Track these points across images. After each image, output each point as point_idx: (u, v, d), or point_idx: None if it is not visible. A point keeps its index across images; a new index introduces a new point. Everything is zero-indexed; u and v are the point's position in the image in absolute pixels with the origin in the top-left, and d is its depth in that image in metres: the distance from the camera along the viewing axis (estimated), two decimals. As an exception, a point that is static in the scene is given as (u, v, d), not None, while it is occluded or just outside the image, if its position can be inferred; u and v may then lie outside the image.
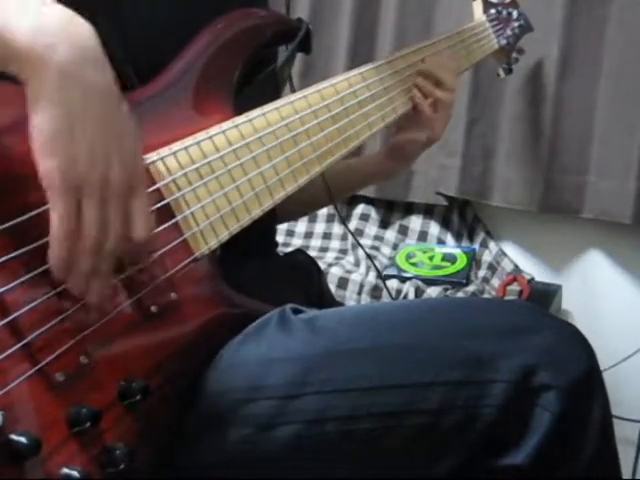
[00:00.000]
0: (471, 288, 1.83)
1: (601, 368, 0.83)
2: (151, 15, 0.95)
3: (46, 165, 0.66)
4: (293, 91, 1.07)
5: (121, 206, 0.70)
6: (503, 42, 1.51)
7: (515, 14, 1.56)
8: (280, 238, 2.01)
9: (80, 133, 0.67)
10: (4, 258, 0.67)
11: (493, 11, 1.50)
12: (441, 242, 2.00)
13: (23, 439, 0.62)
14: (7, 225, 0.67)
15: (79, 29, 0.69)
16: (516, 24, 1.56)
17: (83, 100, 0.67)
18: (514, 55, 1.58)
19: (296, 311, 0.90)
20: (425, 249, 1.96)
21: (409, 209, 2.06)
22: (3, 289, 0.66)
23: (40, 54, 0.66)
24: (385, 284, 1.75)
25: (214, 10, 0.98)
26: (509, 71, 1.62)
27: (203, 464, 0.83)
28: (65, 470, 0.65)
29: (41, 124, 0.66)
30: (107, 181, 0.69)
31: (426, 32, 1.90)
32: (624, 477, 0.86)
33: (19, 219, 0.68)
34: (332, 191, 1.18)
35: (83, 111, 0.67)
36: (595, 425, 0.79)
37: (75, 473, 0.65)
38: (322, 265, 1.84)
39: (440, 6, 1.91)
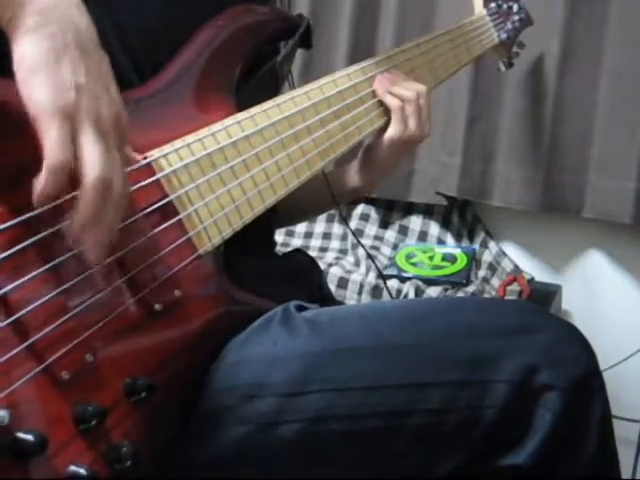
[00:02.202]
0: (471, 288, 1.83)
1: (601, 368, 0.83)
2: (151, 12, 0.95)
3: (34, 90, 0.63)
4: (293, 87, 1.07)
5: (116, 142, 0.68)
6: (503, 36, 1.51)
7: (515, 8, 1.56)
8: (280, 238, 2.01)
9: (66, 64, 0.65)
10: (6, 253, 0.66)
11: (493, 5, 1.50)
12: (441, 242, 2.00)
13: (30, 437, 0.62)
14: (11, 223, 0.67)
15: None
16: (516, 18, 1.56)
17: (67, 35, 0.66)
18: (515, 49, 1.58)
19: (300, 308, 0.90)
20: (425, 249, 1.96)
21: (409, 209, 2.06)
22: (8, 288, 0.65)
23: None
24: (386, 284, 1.75)
25: (214, 7, 0.98)
26: (510, 65, 1.61)
27: (206, 461, 0.83)
28: (72, 468, 0.65)
29: (25, 54, 0.64)
30: (99, 114, 0.66)
31: (426, 28, 1.90)
32: (624, 477, 0.86)
33: (22, 217, 0.68)
34: (322, 198, 1.18)
35: (68, 45, 0.66)
36: (595, 425, 0.79)
37: (82, 471, 0.65)
38: (322, 265, 1.84)
39: (440, 4, 1.91)
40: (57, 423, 0.66)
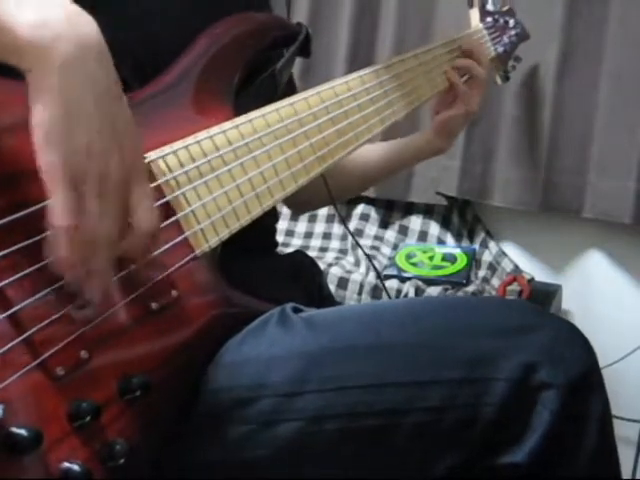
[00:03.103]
0: (471, 288, 1.83)
1: (601, 367, 0.83)
2: (152, 16, 0.96)
3: (46, 157, 0.65)
4: (294, 92, 1.08)
5: (120, 200, 0.69)
6: (500, 49, 1.52)
7: (512, 22, 1.57)
8: (280, 238, 2.02)
9: (80, 126, 0.66)
10: (6, 251, 0.66)
11: (490, 19, 1.51)
12: (441, 242, 2.00)
13: (23, 432, 0.62)
14: (9, 219, 0.67)
15: (83, 23, 0.69)
16: (513, 32, 1.57)
17: (84, 93, 0.67)
18: (511, 63, 1.59)
19: (296, 310, 0.90)
20: (425, 249, 1.96)
21: (409, 209, 2.07)
22: (5, 282, 0.66)
23: (43, 45, 0.65)
24: (384, 285, 1.75)
25: (215, 12, 0.99)
26: (506, 78, 1.62)
27: (204, 461, 0.83)
28: (65, 464, 0.65)
29: (42, 116, 0.65)
30: (106, 175, 0.68)
31: (425, 36, 1.91)
32: (624, 477, 0.86)
33: (21, 213, 0.68)
34: (377, 175, 1.36)
35: (84, 104, 0.67)
36: (595, 423, 0.79)
37: (75, 467, 0.65)
38: (322, 265, 1.84)
39: (439, 10, 1.92)
40: (51, 419, 0.66)
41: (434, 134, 1.35)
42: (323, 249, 2.06)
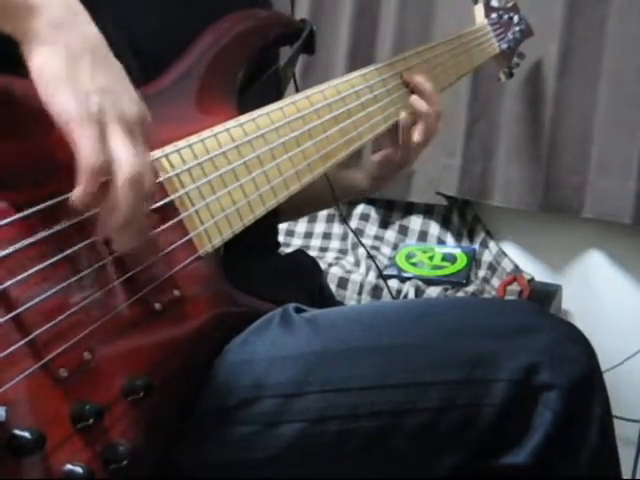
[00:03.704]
0: (471, 288, 1.83)
1: (601, 368, 0.83)
2: (155, 14, 0.95)
3: (59, 99, 0.65)
4: (297, 91, 1.08)
5: (146, 139, 0.70)
6: (504, 46, 1.52)
7: (516, 19, 1.57)
8: (280, 238, 2.00)
9: (84, 70, 0.67)
10: (8, 251, 0.66)
11: (494, 15, 1.51)
12: (441, 242, 2.00)
13: (27, 434, 0.62)
14: (12, 218, 0.67)
15: None
16: (517, 28, 1.57)
17: (79, 44, 0.68)
18: (515, 60, 1.59)
19: (298, 310, 0.90)
20: (425, 249, 1.96)
21: (409, 209, 2.06)
22: (9, 283, 0.65)
23: (36, 5, 0.66)
24: (387, 284, 1.75)
25: (218, 10, 0.98)
26: (510, 75, 1.62)
27: (206, 462, 0.83)
28: (69, 466, 0.65)
29: (43, 67, 0.66)
30: (124, 113, 0.68)
31: (426, 33, 1.91)
32: (624, 477, 0.86)
33: (24, 212, 0.68)
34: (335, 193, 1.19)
35: (83, 52, 0.67)
36: (595, 424, 0.79)
37: (79, 469, 0.65)
38: (322, 265, 1.83)
39: (440, 7, 1.92)
40: (54, 421, 0.66)
41: (363, 171, 1.25)
42: (323, 249, 2.06)
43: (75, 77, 0.66)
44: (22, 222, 0.68)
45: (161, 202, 0.80)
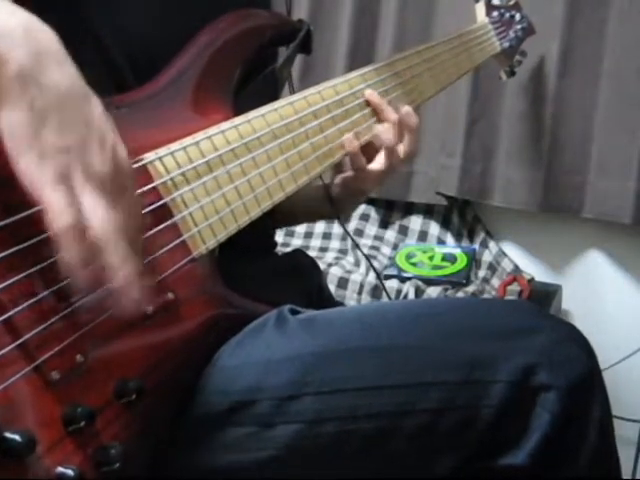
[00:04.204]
0: (471, 288, 1.83)
1: (601, 368, 0.83)
2: (150, 15, 0.95)
3: (23, 163, 0.64)
4: (292, 92, 1.07)
5: (115, 188, 0.67)
6: (506, 45, 1.51)
7: (518, 17, 1.57)
8: (280, 238, 2.01)
9: (47, 126, 0.65)
10: (1, 255, 0.66)
11: (496, 14, 1.50)
12: (441, 242, 2.00)
13: (17, 437, 0.61)
14: (3, 223, 0.67)
15: (38, 30, 0.67)
16: (519, 27, 1.56)
17: (47, 97, 0.65)
18: (517, 58, 1.59)
19: (294, 312, 0.89)
20: (425, 249, 1.96)
21: (409, 209, 2.07)
22: (0, 286, 0.65)
23: (1, 57, 0.64)
24: (384, 285, 1.75)
25: (214, 10, 0.98)
26: (511, 74, 1.62)
27: (201, 464, 0.83)
28: (60, 469, 0.65)
29: (8, 126, 0.64)
30: (90, 166, 0.66)
31: (426, 33, 1.91)
32: (624, 477, 0.86)
33: (16, 216, 0.68)
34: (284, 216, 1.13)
35: (48, 107, 0.65)
36: (595, 425, 0.79)
37: (70, 472, 0.64)
38: (322, 265, 1.84)
39: (440, 7, 1.92)
40: (46, 423, 0.66)
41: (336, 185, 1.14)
42: (323, 249, 2.06)
43: (39, 137, 0.64)
44: (11, 226, 0.67)
45: (155, 204, 0.79)
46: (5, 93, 0.64)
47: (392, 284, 1.83)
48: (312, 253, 1.92)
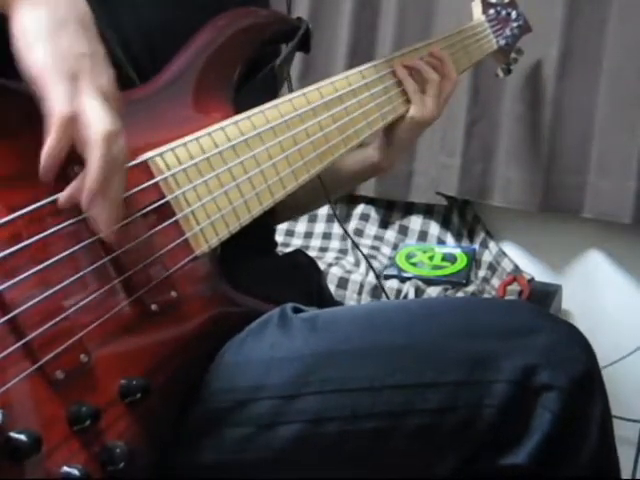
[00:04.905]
0: (471, 288, 1.83)
1: (601, 367, 0.83)
2: (151, 13, 0.95)
3: (36, 54, 0.65)
4: (291, 90, 1.07)
5: (118, 107, 0.70)
6: (502, 42, 1.51)
7: (514, 14, 1.57)
8: (280, 238, 2.01)
9: (67, 35, 0.67)
10: (2, 253, 0.66)
11: (492, 11, 1.51)
12: (441, 242, 2.00)
13: (23, 437, 0.61)
14: (6, 219, 0.67)
15: None
16: (515, 24, 1.56)
17: (67, 9, 0.68)
18: (513, 55, 1.59)
19: (296, 310, 0.90)
20: (425, 249, 1.96)
21: (409, 209, 2.06)
22: (3, 286, 0.65)
23: None
24: (382, 286, 1.75)
25: (214, 8, 0.98)
26: (508, 71, 1.62)
27: (203, 463, 0.83)
28: (65, 468, 0.65)
29: (27, 26, 0.66)
30: (99, 79, 0.68)
31: (426, 32, 1.90)
32: (624, 477, 0.86)
33: (17, 213, 0.68)
34: (328, 189, 1.17)
35: (68, 18, 0.68)
36: (595, 424, 0.79)
37: (75, 471, 0.65)
38: (322, 265, 1.84)
39: (440, 6, 1.91)
40: (51, 423, 0.66)
41: (374, 146, 1.23)
42: (323, 249, 2.06)
43: (56, 39, 0.66)
44: (16, 224, 0.68)
45: (157, 203, 0.80)
46: (26, 1, 0.67)
47: (392, 284, 1.82)
48: (312, 253, 1.92)
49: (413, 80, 1.18)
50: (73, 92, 0.65)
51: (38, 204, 0.69)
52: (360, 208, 2.07)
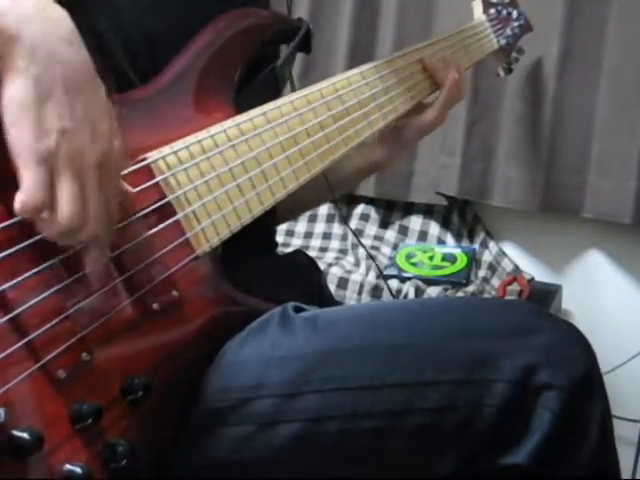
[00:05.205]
0: (471, 288, 1.83)
1: (601, 367, 0.83)
2: (151, 14, 0.95)
3: (16, 133, 0.64)
4: (294, 90, 1.07)
5: (99, 185, 0.68)
6: (503, 42, 1.51)
7: (515, 14, 1.56)
8: (280, 238, 2.01)
9: (50, 108, 0.66)
10: (4, 253, 0.66)
11: (493, 11, 1.50)
12: (441, 242, 2.00)
13: (25, 435, 0.62)
14: (9, 222, 0.67)
15: (53, 11, 0.69)
16: (516, 24, 1.56)
17: (54, 74, 0.66)
18: (514, 55, 1.58)
19: (297, 309, 0.90)
20: (425, 249, 1.96)
21: (409, 209, 2.06)
22: (6, 285, 0.66)
23: (10, 31, 0.65)
24: (387, 284, 1.75)
25: (215, 9, 0.98)
26: (509, 71, 1.62)
27: (204, 462, 0.83)
28: (68, 466, 0.65)
29: (11, 95, 0.65)
30: (79, 155, 0.67)
31: (426, 32, 1.90)
32: (624, 477, 0.86)
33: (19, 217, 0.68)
34: (331, 186, 1.18)
35: (54, 86, 0.66)
36: (595, 424, 0.80)
37: (78, 469, 0.65)
38: (322, 265, 1.84)
39: (440, 6, 1.91)
40: (53, 421, 0.66)
41: (377, 142, 1.23)
42: (323, 249, 2.06)
43: (40, 113, 0.65)
44: (19, 225, 0.68)
45: (158, 203, 0.80)
46: (14, 65, 0.65)
47: (392, 284, 1.82)
48: (312, 253, 1.92)
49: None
50: (44, 178, 0.65)
51: None
52: (360, 208, 2.07)
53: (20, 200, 0.64)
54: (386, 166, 1.27)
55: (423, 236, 2.03)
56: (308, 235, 2.10)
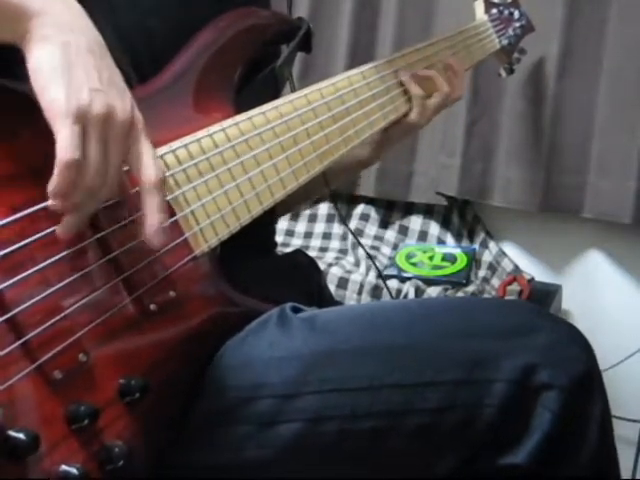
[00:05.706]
0: (471, 288, 1.83)
1: (601, 368, 0.83)
2: (151, 14, 0.95)
3: (50, 92, 0.66)
4: (294, 90, 1.07)
5: (123, 148, 0.70)
6: (505, 42, 1.51)
7: (517, 14, 1.57)
8: (280, 238, 2.01)
9: (80, 69, 0.68)
10: (2, 252, 0.66)
11: (495, 11, 1.50)
12: (441, 242, 2.00)
13: (21, 435, 0.61)
14: (8, 220, 0.67)
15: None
16: (517, 24, 1.56)
17: (78, 42, 0.69)
18: (515, 55, 1.59)
19: (296, 310, 0.90)
20: (425, 249, 1.96)
21: (409, 209, 2.06)
22: (3, 285, 0.65)
23: (37, 7, 0.69)
24: (386, 284, 1.75)
25: (216, 9, 0.98)
26: (511, 71, 1.62)
27: (204, 462, 0.83)
28: (64, 467, 0.65)
29: (40, 61, 0.67)
30: (110, 116, 0.69)
31: (426, 32, 1.91)
32: (624, 477, 0.86)
33: (20, 214, 0.68)
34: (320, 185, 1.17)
35: (80, 52, 0.69)
36: (595, 424, 0.80)
37: (74, 470, 0.65)
38: (322, 265, 1.84)
39: (440, 6, 1.91)
40: (49, 422, 0.66)
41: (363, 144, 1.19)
42: (323, 249, 2.06)
43: (70, 73, 0.67)
44: (17, 223, 0.68)
45: None
46: (41, 34, 0.68)
47: (392, 284, 1.82)
48: (312, 253, 1.92)
49: (419, 86, 1.18)
50: (78, 136, 0.66)
51: (40, 205, 0.69)
52: (360, 208, 2.07)
53: (60, 159, 0.65)
54: (370, 165, 1.28)
55: (423, 236, 2.03)
56: (308, 235, 2.10)
